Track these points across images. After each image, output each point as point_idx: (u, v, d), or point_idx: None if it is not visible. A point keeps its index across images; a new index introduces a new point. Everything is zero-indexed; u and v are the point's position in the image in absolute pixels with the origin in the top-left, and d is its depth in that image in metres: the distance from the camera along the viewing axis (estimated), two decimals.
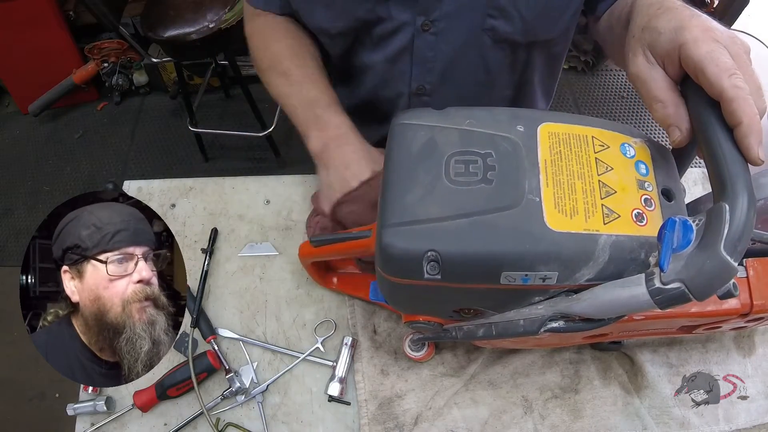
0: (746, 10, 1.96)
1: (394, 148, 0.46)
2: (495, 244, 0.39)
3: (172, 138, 2.21)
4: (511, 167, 0.42)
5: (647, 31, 0.42)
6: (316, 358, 0.66)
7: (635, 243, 0.39)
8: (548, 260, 0.39)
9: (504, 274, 0.40)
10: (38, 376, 1.60)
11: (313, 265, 0.65)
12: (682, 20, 0.39)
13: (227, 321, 0.69)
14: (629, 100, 2.21)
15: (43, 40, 2.07)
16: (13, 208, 2.09)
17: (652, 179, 0.42)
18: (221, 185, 0.80)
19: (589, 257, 0.38)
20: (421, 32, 0.62)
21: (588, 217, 0.39)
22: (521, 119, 0.45)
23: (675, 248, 0.33)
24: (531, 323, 0.45)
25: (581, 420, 0.60)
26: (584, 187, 0.41)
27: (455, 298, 0.47)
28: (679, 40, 0.38)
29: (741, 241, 0.31)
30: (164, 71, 2.22)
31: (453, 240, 0.40)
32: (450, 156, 0.44)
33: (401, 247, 0.41)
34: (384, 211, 0.43)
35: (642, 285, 0.34)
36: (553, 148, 0.43)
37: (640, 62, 0.42)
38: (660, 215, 0.41)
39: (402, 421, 0.61)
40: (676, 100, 0.40)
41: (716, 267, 0.31)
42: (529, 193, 0.40)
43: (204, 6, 1.55)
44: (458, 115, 0.46)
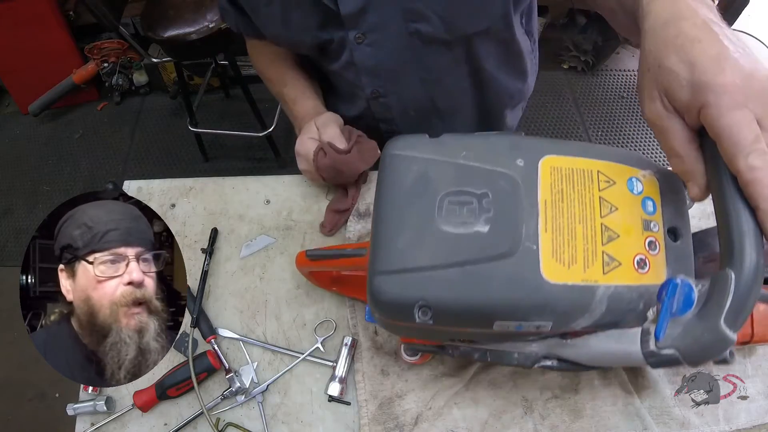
0: (746, 10, 1.96)
1: (386, 183, 0.44)
2: (488, 295, 0.38)
3: (172, 138, 2.21)
4: (508, 210, 0.40)
5: (663, 73, 0.36)
6: (316, 358, 0.66)
7: (634, 293, 0.37)
8: (543, 312, 0.37)
9: (497, 323, 0.39)
10: (38, 376, 1.60)
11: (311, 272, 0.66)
12: (705, 68, 0.33)
13: (227, 321, 0.69)
14: (629, 100, 2.21)
15: (43, 40, 2.07)
16: (13, 208, 2.09)
17: (659, 217, 0.40)
18: (221, 185, 0.80)
19: (585, 309, 0.37)
20: (357, 45, 0.69)
21: (587, 267, 0.38)
22: (522, 151, 0.42)
23: (674, 312, 0.32)
24: (525, 358, 0.45)
25: (581, 420, 0.60)
26: (585, 231, 0.39)
27: (449, 333, 0.47)
28: (700, 100, 0.33)
29: (743, 313, 0.30)
30: (164, 71, 2.22)
31: (444, 290, 0.39)
32: (443, 196, 0.41)
33: (392, 296, 0.40)
34: (375, 257, 0.42)
35: (636, 344, 0.34)
36: (554, 186, 0.40)
37: (657, 109, 0.37)
38: (664, 259, 0.39)
39: (402, 421, 0.61)
40: (695, 156, 0.36)
41: (713, 339, 0.30)
42: (526, 240, 0.38)
43: (204, 6, 1.55)
44: (454, 145, 0.44)
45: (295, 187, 0.79)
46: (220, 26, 1.53)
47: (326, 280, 0.68)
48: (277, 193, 0.79)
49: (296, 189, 0.79)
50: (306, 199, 0.78)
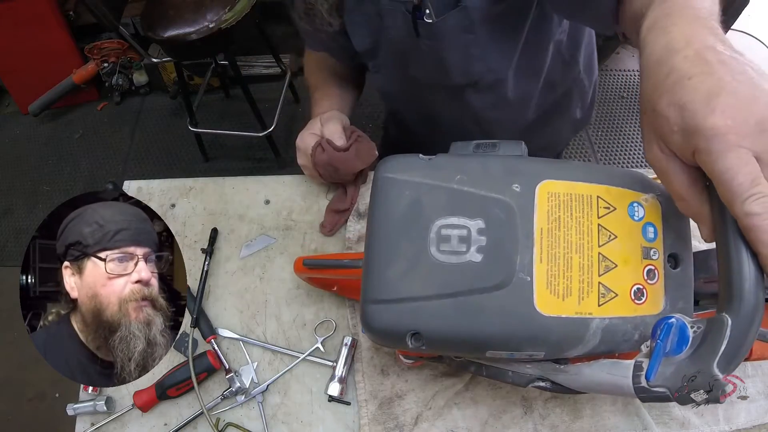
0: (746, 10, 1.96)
1: (378, 208, 0.43)
2: (480, 327, 0.38)
3: (172, 138, 2.21)
4: (502, 239, 0.39)
5: (656, 118, 0.34)
6: (316, 358, 0.66)
7: (629, 325, 0.37)
8: (535, 343, 0.37)
9: (489, 351, 0.39)
10: (38, 376, 1.60)
11: None
12: (694, 111, 0.31)
13: (227, 321, 0.69)
14: (629, 100, 2.21)
15: (43, 40, 2.07)
16: (13, 208, 2.09)
17: (660, 244, 0.39)
18: (221, 185, 0.80)
19: (578, 341, 0.37)
20: (373, 72, 0.81)
21: (582, 299, 0.37)
22: (518, 176, 0.40)
23: (667, 352, 0.32)
24: (519, 377, 0.45)
25: (581, 420, 0.60)
26: (582, 262, 0.38)
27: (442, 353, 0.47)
28: (691, 145, 0.32)
29: (736, 359, 0.30)
30: (164, 71, 2.22)
31: (436, 321, 0.39)
32: (437, 224, 0.40)
33: (384, 325, 0.40)
34: (367, 286, 0.42)
35: (628, 378, 0.34)
36: (551, 214, 0.39)
37: (655, 153, 0.35)
38: (662, 288, 0.39)
39: (402, 421, 0.61)
40: (699, 198, 0.34)
41: (705, 383, 0.30)
42: (520, 271, 0.38)
43: (204, 6, 1.55)
44: (448, 167, 0.42)
45: (295, 187, 0.79)
46: (220, 26, 1.53)
47: (325, 283, 0.68)
48: (277, 193, 0.79)
49: (296, 189, 0.79)
50: (306, 199, 0.78)
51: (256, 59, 2.21)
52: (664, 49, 0.35)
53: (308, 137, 0.73)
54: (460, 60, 0.70)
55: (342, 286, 0.67)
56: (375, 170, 0.45)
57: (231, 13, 1.55)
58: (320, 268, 0.59)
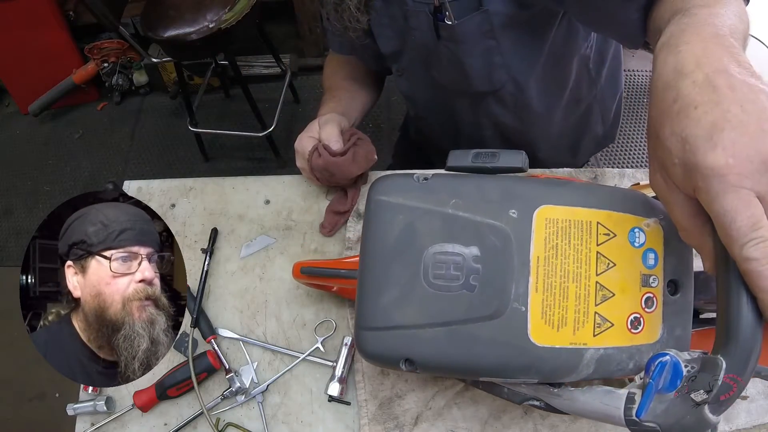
0: None
1: (372, 233, 0.43)
2: (473, 356, 0.38)
3: (172, 138, 2.21)
4: (498, 268, 0.38)
5: (659, 147, 0.33)
6: (316, 358, 0.66)
7: (624, 354, 0.37)
8: (528, 372, 0.37)
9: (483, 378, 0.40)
10: (38, 376, 1.60)
11: None
12: (696, 146, 0.30)
13: (227, 321, 0.69)
14: (629, 100, 2.21)
15: (43, 40, 2.07)
16: (13, 208, 2.09)
17: (660, 271, 0.38)
18: (221, 185, 0.80)
19: (572, 371, 0.37)
20: (398, 76, 0.84)
21: (577, 329, 0.37)
22: (516, 200, 0.39)
23: (660, 389, 0.32)
24: (514, 395, 0.45)
25: (581, 420, 0.60)
26: (578, 291, 0.37)
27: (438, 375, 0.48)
28: (692, 182, 0.30)
29: (728, 401, 0.30)
30: (164, 71, 2.22)
31: (429, 349, 0.39)
32: (431, 251, 0.40)
33: (377, 351, 0.41)
34: (360, 313, 0.42)
35: (620, 408, 0.33)
36: (549, 241, 0.38)
37: (658, 181, 0.34)
38: (660, 316, 0.38)
39: (402, 421, 0.61)
40: (701, 230, 0.33)
41: (695, 423, 0.30)
42: (515, 301, 0.37)
43: (204, 6, 1.55)
44: (443, 190, 0.41)
45: (295, 187, 0.79)
46: (220, 26, 1.53)
47: (324, 285, 0.68)
48: (277, 193, 0.79)
49: (296, 189, 0.79)
50: (306, 199, 0.78)
51: (256, 59, 2.21)
52: (673, 72, 0.33)
53: (306, 140, 0.73)
54: (482, 66, 0.70)
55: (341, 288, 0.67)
56: (369, 190, 0.44)
57: (231, 13, 1.55)
58: (318, 276, 0.60)
